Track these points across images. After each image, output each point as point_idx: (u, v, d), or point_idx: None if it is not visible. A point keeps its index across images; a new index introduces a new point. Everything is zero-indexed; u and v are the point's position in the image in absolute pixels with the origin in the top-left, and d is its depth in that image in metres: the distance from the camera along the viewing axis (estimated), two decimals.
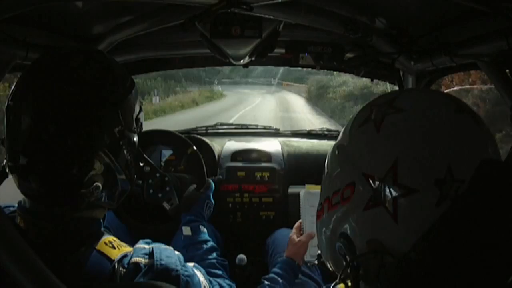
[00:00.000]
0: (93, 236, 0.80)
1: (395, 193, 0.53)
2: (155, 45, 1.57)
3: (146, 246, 0.82)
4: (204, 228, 1.30)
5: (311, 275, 1.37)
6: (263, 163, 1.86)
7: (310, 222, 1.28)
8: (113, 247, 0.79)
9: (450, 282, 0.48)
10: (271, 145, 1.97)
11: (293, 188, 1.77)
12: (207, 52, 1.39)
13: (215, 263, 1.17)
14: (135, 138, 0.86)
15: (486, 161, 0.51)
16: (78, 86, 0.74)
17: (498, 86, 1.06)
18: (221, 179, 1.78)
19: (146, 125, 0.97)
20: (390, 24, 1.23)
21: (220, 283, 1.04)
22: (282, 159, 1.88)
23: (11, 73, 1.10)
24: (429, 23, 1.20)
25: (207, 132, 2.24)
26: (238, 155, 1.89)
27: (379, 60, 1.47)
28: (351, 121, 0.65)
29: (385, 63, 1.48)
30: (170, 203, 1.42)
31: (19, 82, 0.76)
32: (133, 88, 0.85)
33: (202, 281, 0.89)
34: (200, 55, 1.67)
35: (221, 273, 1.15)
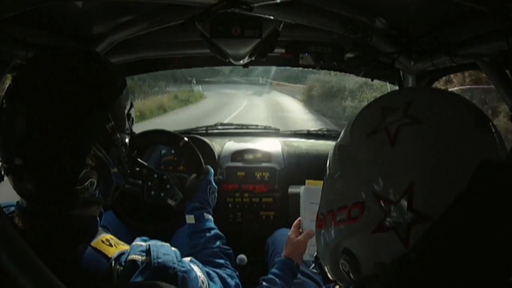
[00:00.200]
0: (90, 234, 0.80)
1: (409, 219, 0.49)
2: (155, 45, 1.57)
3: (143, 244, 0.82)
4: (209, 215, 1.29)
5: (311, 274, 1.35)
6: (263, 163, 1.85)
7: (310, 219, 1.27)
8: (110, 245, 0.79)
9: (450, 282, 0.48)
10: (271, 145, 1.97)
11: (293, 188, 1.77)
12: (207, 52, 1.39)
13: (217, 252, 1.16)
14: (127, 134, 0.87)
15: (486, 161, 0.51)
16: (70, 85, 0.75)
17: (498, 86, 1.06)
18: (221, 179, 1.78)
19: None
20: (390, 24, 1.23)
21: (220, 274, 1.03)
22: (282, 159, 1.88)
23: (11, 73, 1.10)
24: (429, 23, 1.19)
25: (207, 132, 2.24)
26: (238, 155, 1.89)
27: (379, 60, 1.47)
28: (357, 121, 0.61)
29: (385, 63, 1.47)
30: (174, 199, 1.43)
31: (11, 84, 0.76)
32: (125, 87, 0.86)
33: (199, 276, 0.89)
34: (200, 55, 1.67)
35: (223, 262, 1.13)
